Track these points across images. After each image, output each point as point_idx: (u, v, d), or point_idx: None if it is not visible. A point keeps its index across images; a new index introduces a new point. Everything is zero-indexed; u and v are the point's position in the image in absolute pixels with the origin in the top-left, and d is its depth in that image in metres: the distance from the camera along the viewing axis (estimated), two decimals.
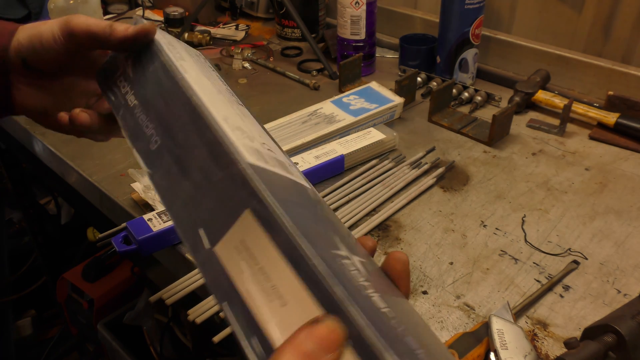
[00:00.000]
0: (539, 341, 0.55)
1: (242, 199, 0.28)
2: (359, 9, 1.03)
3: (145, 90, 0.38)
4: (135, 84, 0.39)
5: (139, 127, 0.36)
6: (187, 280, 0.63)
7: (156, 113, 0.36)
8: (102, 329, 1.29)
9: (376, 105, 0.90)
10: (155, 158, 0.34)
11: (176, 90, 0.35)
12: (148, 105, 0.37)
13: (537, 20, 1.04)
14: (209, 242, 0.29)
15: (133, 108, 0.38)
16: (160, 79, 0.37)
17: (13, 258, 1.63)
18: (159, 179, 0.33)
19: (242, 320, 0.26)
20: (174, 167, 0.33)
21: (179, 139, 0.33)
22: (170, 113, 0.35)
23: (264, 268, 0.26)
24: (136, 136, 0.36)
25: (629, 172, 0.80)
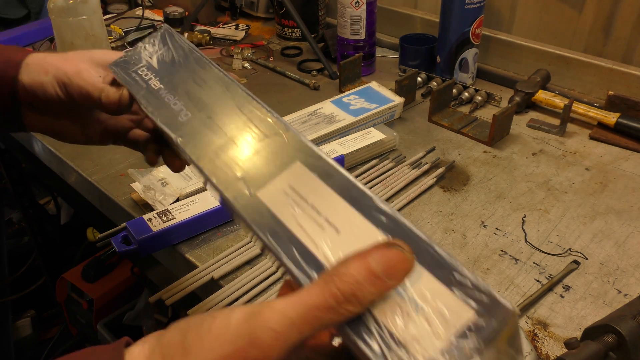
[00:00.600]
0: (539, 341, 0.55)
1: (291, 153, 0.33)
2: (359, 8, 1.02)
3: (175, 74, 0.44)
4: (160, 73, 0.44)
5: (165, 105, 0.41)
6: (187, 280, 0.63)
7: (186, 93, 0.42)
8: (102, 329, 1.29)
9: (376, 105, 0.89)
10: (187, 126, 0.39)
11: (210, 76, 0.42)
12: (176, 89, 0.42)
13: (538, 20, 1.04)
14: (250, 189, 0.32)
15: (158, 90, 0.43)
16: (192, 66, 0.44)
17: (13, 258, 1.63)
18: (193, 144, 0.38)
19: (288, 247, 0.28)
20: (211, 135, 0.37)
21: (214, 111, 0.39)
22: (204, 89, 0.41)
23: (315, 205, 0.29)
24: (161, 111, 0.41)
25: (630, 172, 0.80)
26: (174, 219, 0.66)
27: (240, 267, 0.64)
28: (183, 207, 0.68)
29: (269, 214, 0.30)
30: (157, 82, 0.44)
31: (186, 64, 0.44)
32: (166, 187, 0.73)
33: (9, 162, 1.40)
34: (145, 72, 0.45)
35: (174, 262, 0.69)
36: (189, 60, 0.44)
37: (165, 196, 0.71)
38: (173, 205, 0.69)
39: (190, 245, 0.67)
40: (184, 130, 0.39)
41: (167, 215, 0.67)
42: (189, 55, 0.45)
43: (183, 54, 0.45)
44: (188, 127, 0.39)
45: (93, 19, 0.97)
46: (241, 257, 0.64)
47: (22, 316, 1.68)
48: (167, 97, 0.42)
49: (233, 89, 0.40)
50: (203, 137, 0.37)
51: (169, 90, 0.42)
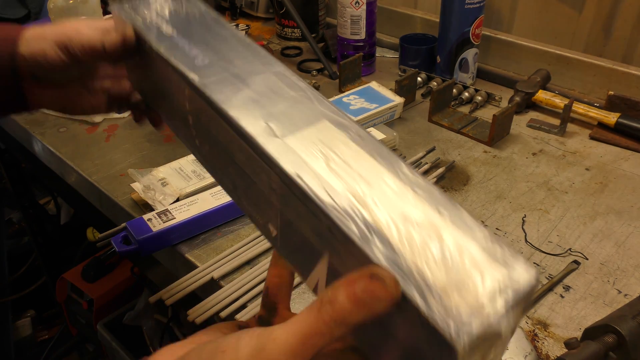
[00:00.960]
0: (540, 341, 0.55)
1: (319, 112, 0.32)
2: (359, 8, 1.02)
3: (189, 26, 0.41)
4: (172, 21, 0.41)
5: (179, 49, 0.38)
6: (187, 280, 0.62)
7: (203, 42, 0.39)
8: (102, 329, 1.28)
9: (376, 105, 0.89)
10: (206, 70, 0.36)
11: (230, 34, 0.40)
12: (192, 36, 0.40)
13: (538, 20, 1.04)
14: (280, 134, 0.30)
15: (170, 36, 0.40)
16: (209, 23, 0.41)
17: (12, 258, 1.63)
18: (215, 85, 0.34)
19: (318, 188, 0.27)
20: (233, 79, 0.35)
21: (237, 64, 0.36)
22: (223, 43, 0.39)
23: (346, 160, 0.29)
24: (174, 52, 0.38)
25: (630, 172, 0.80)
26: (174, 219, 0.66)
27: (240, 267, 0.64)
28: (183, 207, 0.68)
29: (300, 160, 0.29)
30: (169, 28, 0.41)
31: (202, 20, 0.41)
32: (166, 187, 0.73)
33: (9, 162, 1.40)
34: (154, 17, 0.42)
35: (174, 262, 0.69)
36: (205, 19, 0.42)
37: (165, 196, 0.71)
38: (173, 205, 0.69)
39: (190, 245, 0.67)
40: (202, 72, 0.36)
41: (167, 215, 0.67)
42: (205, 15, 0.42)
43: (198, 12, 0.42)
44: (207, 71, 0.36)
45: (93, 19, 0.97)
46: (241, 257, 0.64)
47: (22, 316, 1.68)
48: (181, 42, 0.39)
49: (255, 48, 0.38)
50: (225, 83, 0.34)
51: (184, 36, 0.39)
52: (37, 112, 0.54)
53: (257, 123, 0.31)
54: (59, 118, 0.96)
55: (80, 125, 0.95)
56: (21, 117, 0.97)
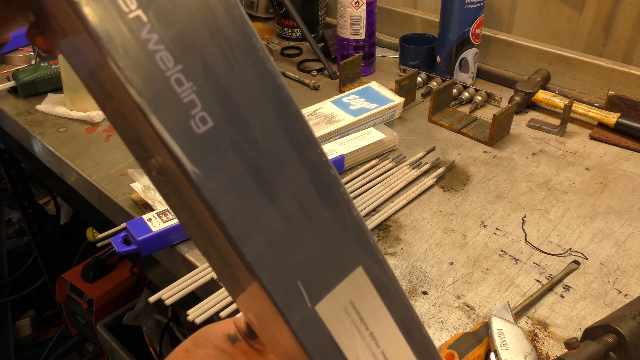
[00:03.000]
0: (540, 341, 0.55)
1: (355, 253, 0.25)
2: (359, 8, 1.02)
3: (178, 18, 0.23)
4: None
5: (162, 79, 0.22)
6: (186, 280, 0.62)
7: (205, 70, 0.23)
8: (102, 329, 1.28)
9: (376, 105, 0.89)
10: (206, 149, 0.22)
11: (253, 53, 0.23)
12: (186, 50, 0.22)
13: (538, 19, 1.04)
14: (309, 300, 0.24)
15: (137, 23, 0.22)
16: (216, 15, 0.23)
17: (12, 258, 1.63)
18: (217, 188, 0.22)
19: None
20: (247, 177, 0.23)
21: (256, 137, 0.23)
22: (240, 85, 0.23)
23: (374, 333, 0.25)
24: (154, 89, 0.22)
25: (630, 172, 0.80)
26: (174, 219, 0.66)
27: None
28: None
29: (329, 339, 0.24)
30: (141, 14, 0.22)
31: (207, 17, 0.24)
32: None
33: (8, 162, 1.40)
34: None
35: (174, 262, 0.69)
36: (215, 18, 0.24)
37: None
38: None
39: (190, 245, 0.67)
40: (203, 155, 0.22)
41: (167, 215, 0.67)
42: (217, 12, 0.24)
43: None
44: (210, 154, 0.22)
45: None
46: None
47: (21, 316, 1.68)
48: (163, 58, 0.22)
49: (279, 94, 0.24)
50: (238, 190, 0.23)
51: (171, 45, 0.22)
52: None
53: (285, 285, 0.23)
54: (59, 118, 0.96)
55: (80, 125, 0.95)
56: (21, 117, 0.97)
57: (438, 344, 0.54)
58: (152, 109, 0.21)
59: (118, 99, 0.23)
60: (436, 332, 0.56)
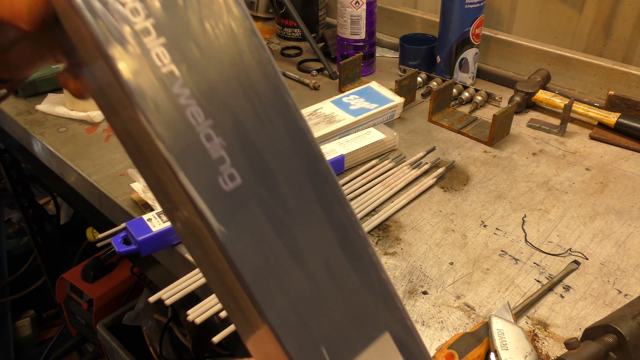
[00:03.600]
0: (540, 341, 0.55)
1: (382, 318, 0.24)
2: (359, 8, 1.02)
3: (210, 73, 0.22)
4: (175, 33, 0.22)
5: (192, 135, 0.21)
6: (186, 280, 0.62)
7: (235, 125, 0.22)
8: (102, 329, 1.28)
9: (376, 105, 0.89)
10: (234, 207, 0.22)
11: (285, 110, 0.23)
12: (217, 102, 0.22)
13: (538, 19, 1.04)
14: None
15: (169, 78, 0.22)
16: (249, 71, 0.23)
17: (12, 258, 1.63)
18: (243, 248, 0.22)
19: None
20: (273, 237, 0.22)
21: (285, 195, 0.23)
22: (270, 141, 0.23)
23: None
24: (176, 138, 0.21)
25: (630, 172, 0.80)
26: None
27: None
28: None
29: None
30: (163, 50, 0.22)
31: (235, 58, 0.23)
32: None
33: (8, 162, 1.40)
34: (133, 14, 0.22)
35: (173, 262, 0.69)
36: (242, 58, 0.23)
37: None
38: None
39: None
40: (230, 214, 0.22)
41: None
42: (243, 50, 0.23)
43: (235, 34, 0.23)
44: (237, 211, 0.22)
45: None
46: None
47: (21, 316, 1.68)
48: (193, 113, 0.22)
49: (316, 160, 0.23)
50: (266, 248, 0.22)
51: (202, 100, 0.22)
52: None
53: (308, 351, 0.23)
54: (59, 118, 0.96)
55: (80, 125, 0.95)
56: (21, 117, 0.97)
57: (438, 344, 0.54)
58: (180, 165, 0.21)
59: (146, 149, 0.23)
60: (436, 332, 0.56)
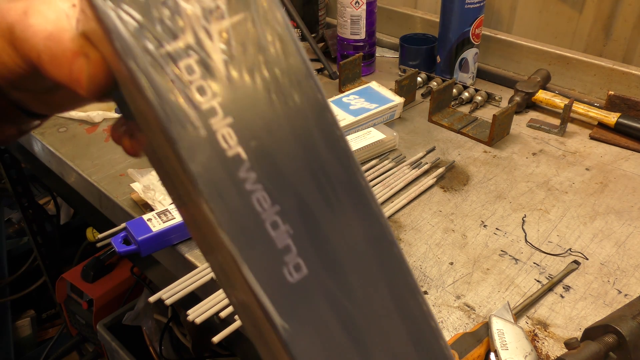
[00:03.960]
0: (540, 341, 0.55)
1: None
2: (359, 8, 1.02)
3: (278, 155, 0.21)
4: (242, 111, 0.21)
5: (258, 223, 0.20)
6: (186, 280, 0.62)
7: (302, 211, 0.21)
8: (102, 329, 1.28)
9: (376, 105, 0.89)
10: (298, 301, 0.20)
11: (357, 192, 0.22)
12: (284, 187, 0.21)
13: (538, 19, 1.04)
14: None
15: (235, 162, 0.20)
16: (319, 150, 0.21)
17: (12, 258, 1.63)
18: (307, 346, 0.20)
19: None
20: (339, 332, 0.21)
21: (353, 286, 0.21)
22: (339, 227, 0.21)
23: None
24: (248, 240, 0.20)
25: (630, 172, 0.80)
26: (173, 219, 0.66)
27: None
28: None
29: None
30: (232, 133, 0.20)
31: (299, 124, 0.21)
32: None
33: (8, 162, 1.40)
34: (191, 67, 0.20)
35: (173, 262, 0.69)
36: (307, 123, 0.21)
37: (165, 196, 0.71)
38: (173, 205, 0.69)
39: (190, 245, 0.67)
40: (295, 308, 0.20)
41: (167, 215, 0.67)
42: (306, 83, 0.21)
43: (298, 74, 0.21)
44: (302, 307, 0.20)
45: None
46: None
47: (21, 316, 1.68)
48: (259, 199, 0.20)
49: (388, 245, 0.22)
50: (331, 344, 0.21)
51: (269, 184, 0.21)
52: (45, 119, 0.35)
53: None
54: (59, 118, 0.96)
55: (80, 125, 0.95)
56: None
57: None
58: (244, 257, 0.20)
59: (207, 232, 0.21)
60: None
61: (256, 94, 0.21)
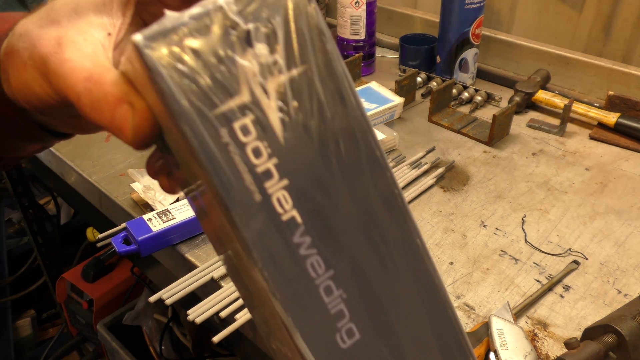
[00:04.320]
0: (539, 341, 0.55)
1: None
2: (359, 8, 1.02)
3: (334, 216, 0.20)
4: (299, 172, 0.20)
5: (311, 289, 0.20)
6: (187, 280, 0.62)
7: (357, 274, 0.20)
8: (102, 329, 1.28)
9: (376, 105, 0.89)
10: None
11: (412, 252, 0.22)
12: (339, 249, 0.20)
13: (537, 20, 1.04)
14: None
15: (290, 226, 0.20)
16: (375, 210, 0.21)
17: (12, 258, 1.63)
18: None
19: None
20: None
21: (404, 349, 0.21)
22: (392, 289, 0.21)
23: None
24: (302, 308, 0.20)
25: (630, 172, 0.80)
26: (174, 219, 0.66)
27: None
28: (183, 207, 0.68)
29: None
30: (286, 195, 0.20)
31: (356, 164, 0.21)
32: None
33: None
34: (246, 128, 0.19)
35: (174, 262, 0.69)
36: (362, 159, 0.21)
37: (165, 196, 0.71)
38: (173, 205, 0.69)
39: (190, 245, 0.67)
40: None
41: (167, 215, 0.67)
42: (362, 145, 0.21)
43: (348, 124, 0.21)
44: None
45: None
46: None
47: (22, 316, 1.68)
48: (314, 263, 0.20)
49: (442, 307, 0.22)
50: None
51: (323, 248, 0.20)
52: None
53: None
54: None
55: None
56: None
57: None
58: (297, 325, 0.19)
59: (255, 291, 0.21)
60: None
61: (313, 153, 0.20)
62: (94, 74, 0.23)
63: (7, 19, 0.28)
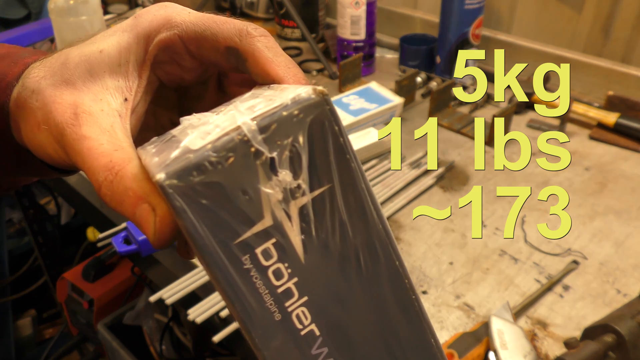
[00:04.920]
0: (539, 341, 0.55)
1: None
2: (359, 9, 1.03)
3: (350, 325, 0.21)
4: (317, 288, 0.20)
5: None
6: (187, 280, 0.63)
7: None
8: (102, 329, 1.29)
9: (376, 105, 0.90)
10: None
11: (426, 351, 0.23)
12: (352, 352, 0.21)
13: (537, 20, 1.04)
14: None
15: (308, 340, 0.21)
16: (391, 314, 0.22)
17: (13, 258, 1.63)
18: None
19: None
20: None
21: None
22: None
23: None
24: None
25: (629, 172, 0.80)
26: None
27: None
28: None
29: None
30: (304, 310, 0.20)
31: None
32: None
33: None
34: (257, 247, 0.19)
35: (174, 261, 0.69)
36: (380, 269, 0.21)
37: None
38: None
39: None
40: None
41: None
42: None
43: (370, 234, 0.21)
44: None
45: (94, 19, 0.97)
46: None
47: (22, 316, 1.68)
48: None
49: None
50: None
51: (334, 351, 0.21)
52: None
53: None
54: None
55: None
56: None
57: None
58: None
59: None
60: (436, 331, 0.56)
61: (332, 269, 0.20)
62: (114, 163, 0.22)
63: (16, 61, 0.27)
